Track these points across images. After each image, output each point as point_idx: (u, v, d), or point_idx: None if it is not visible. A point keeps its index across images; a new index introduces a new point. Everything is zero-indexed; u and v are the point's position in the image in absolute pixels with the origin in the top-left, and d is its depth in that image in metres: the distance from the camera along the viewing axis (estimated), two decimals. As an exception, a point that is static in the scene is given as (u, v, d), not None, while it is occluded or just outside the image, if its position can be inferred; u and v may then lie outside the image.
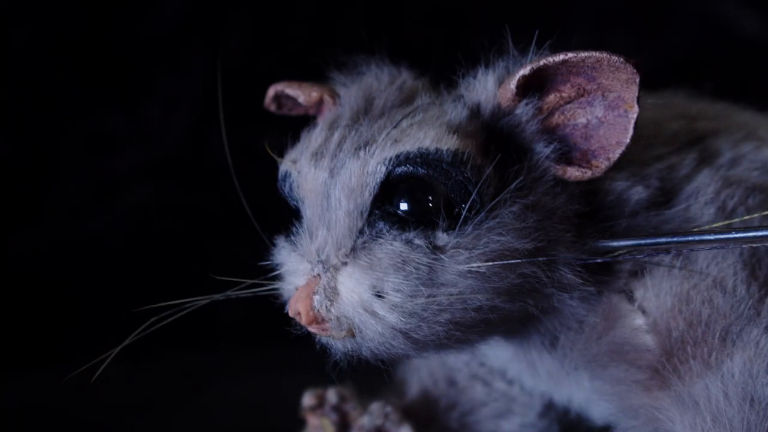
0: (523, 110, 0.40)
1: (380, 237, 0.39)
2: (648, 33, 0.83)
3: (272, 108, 0.48)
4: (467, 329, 0.40)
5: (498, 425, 0.52)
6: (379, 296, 0.38)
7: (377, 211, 0.39)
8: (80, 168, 0.91)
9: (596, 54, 0.39)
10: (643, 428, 0.41)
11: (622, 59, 0.38)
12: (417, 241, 0.38)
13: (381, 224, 0.39)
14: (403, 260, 0.38)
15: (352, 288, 0.39)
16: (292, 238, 0.42)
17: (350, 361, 0.42)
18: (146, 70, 0.91)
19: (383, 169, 0.39)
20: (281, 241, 0.43)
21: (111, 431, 0.68)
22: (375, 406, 0.50)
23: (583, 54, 0.39)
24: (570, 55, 0.39)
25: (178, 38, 0.91)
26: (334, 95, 0.44)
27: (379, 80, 0.44)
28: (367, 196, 0.39)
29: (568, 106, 0.40)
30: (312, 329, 0.40)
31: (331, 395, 0.50)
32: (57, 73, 0.90)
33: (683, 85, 0.49)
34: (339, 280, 0.39)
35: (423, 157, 0.39)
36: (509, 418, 0.52)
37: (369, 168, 0.39)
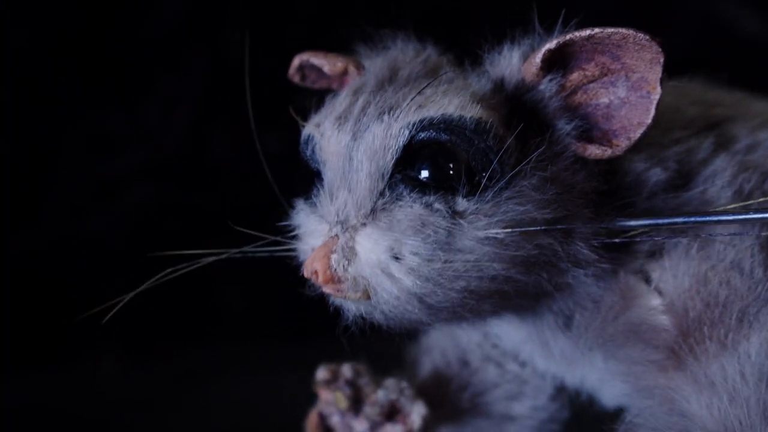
0: (547, 86, 0.41)
1: (400, 200, 0.39)
2: (648, 33, 0.83)
3: (296, 79, 0.48)
4: (481, 299, 0.40)
5: (509, 407, 0.52)
6: (397, 258, 0.38)
7: (398, 175, 0.39)
8: (80, 168, 0.91)
9: (622, 30, 0.39)
10: (658, 408, 0.41)
11: (647, 37, 0.38)
12: (437, 205, 0.38)
13: (401, 187, 0.39)
14: (422, 223, 0.38)
15: (370, 248, 0.39)
16: (312, 200, 0.42)
17: (362, 328, 0.41)
18: (146, 70, 0.91)
19: (406, 132, 0.39)
20: (300, 204, 0.43)
21: (111, 429, 0.68)
22: (390, 381, 0.49)
23: (609, 30, 0.39)
24: (596, 30, 0.39)
25: (178, 38, 0.91)
26: (359, 66, 0.44)
27: (404, 53, 0.44)
28: (389, 159, 0.39)
29: (591, 85, 0.41)
30: (327, 289, 0.40)
31: (346, 369, 0.49)
32: (57, 73, 0.90)
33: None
34: (357, 241, 0.39)
35: (446, 123, 0.39)
36: (521, 400, 0.52)
37: (392, 131, 0.39)
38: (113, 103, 0.91)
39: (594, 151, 0.40)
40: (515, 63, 0.41)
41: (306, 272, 0.40)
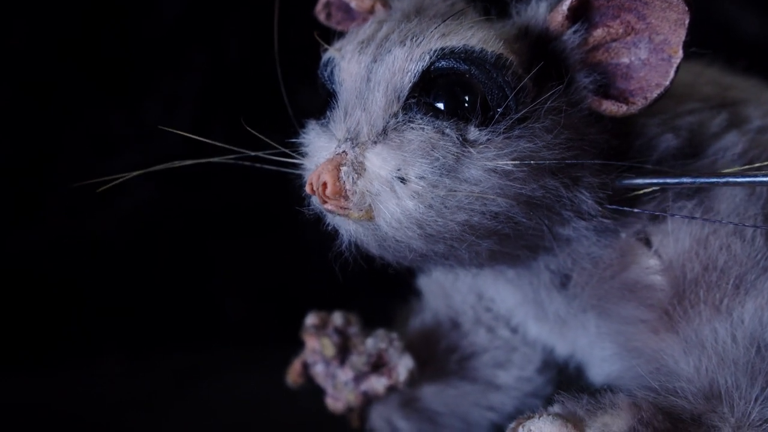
0: (570, 37, 0.41)
1: (412, 122, 0.39)
2: None
3: (322, 17, 0.48)
4: (480, 236, 0.40)
5: (495, 375, 0.52)
6: (403, 181, 0.38)
7: (413, 99, 0.40)
8: (80, 168, 0.91)
9: None
10: (645, 367, 0.42)
11: None
12: (448, 131, 0.39)
13: (415, 111, 0.40)
14: (431, 146, 0.39)
15: (379, 165, 0.39)
16: (324, 120, 0.42)
17: (354, 254, 0.41)
18: (146, 70, 0.91)
19: (427, 58, 0.40)
20: (311, 124, 0.43)
21: (111, 429, 0.68)
22: (380, 332, 0.49)
23: None
24: None
25: (178, 38, 0.91)
26: (386, 4, 0.45)
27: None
28: (407, 82, 0.40)
29: (614, 44, 0.41)
30: (330, 206, 0.40)
31: (337, 317, 0.49)
32: (57, 72, 0.90)
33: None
34: (367, 157, 0.39)
35: (467, 54, 0.39)
36: (508, 369, 0.52)
37: (413, 56, 0.40)
38: (113, 103, 0.91)
39: (609, 107, 0.40)
40: (542, 12, 0.41)
41: (311, 186, 0.40)
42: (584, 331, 0.47)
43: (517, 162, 0.39)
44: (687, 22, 0.39)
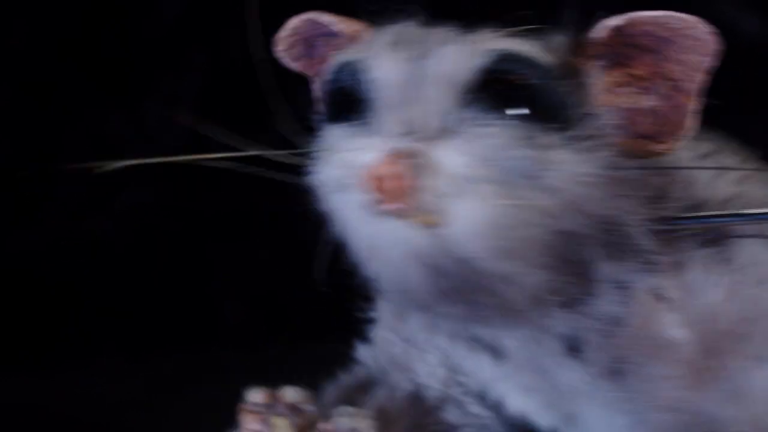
0: (592, 71, 0.39)
1: (479, 120, 0.36)
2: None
3: (281, 46, 0.45)
4: (539, 263, 0.36)
5: None
6: (473, 182, 0.35)
7: (476, 96, 0.36)
8: (80, 168, 0.91)
9: (684, 17, 0.37)
10: (679, 418, 0.40)
11: (707, 31, 0.37)
12: (518, 132, 0.36)
13: (475, 111, 0.36)
14: (507, 145, 0.35)
15: (450, 161, 0.35)
16: (353, 123, 0.38)
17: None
18: (146, 70, 0.91)
19: (489, 56, 0.37)
20: (332, 127, 0.39)
21: (110, 429, 0.68)
22: (349, 409, 0.43)
23: (673, 15, 0.37)
24: (661, 13, 0.38)
25: (178, 38, 0.91)
26: (372, 29, 0.42)
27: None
28: (469, 78, 0.36)
29: (627, 88, 0.39)
30: (390, 205, 0.35)
31: (289, 392, 0.43)
32: (57, 73, 0.90)
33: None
34: (432, 153, 0.35)
35: (530, 60, 0.37)
36: None
37: (474, 52, 0.37)
38: (113, 103, 0.91)
39: (636, 145, 0.39)
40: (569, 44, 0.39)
41: (366, 184, 0.35)
42: (592, 400, 0.43)
43: (592, 171, 0.36)
44: (706, 64, 0.37)
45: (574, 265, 0.38)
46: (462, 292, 0.37)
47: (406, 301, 0.42)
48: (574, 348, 0.42)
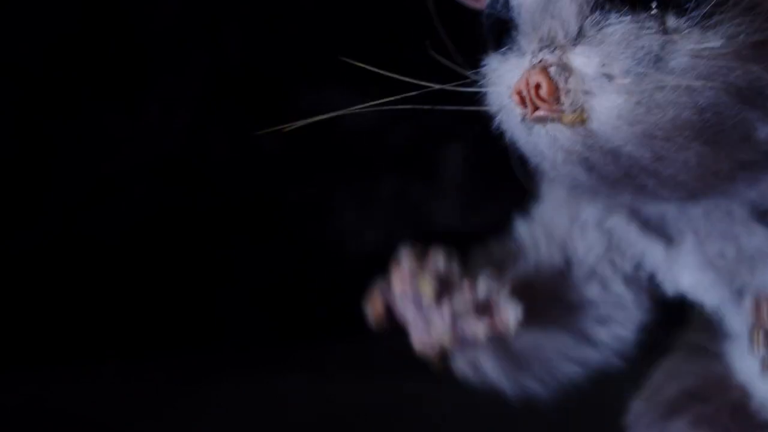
0: None
1: (608, 18, 0.38)
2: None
3: None
4: (688, 138, 0.38)
5: (594, 330, 0.50)
6: (609, 77, 0.37)
7: (601, 1, 0.38)
8: (80, 168, 0.91)
9: None
10: None
11: None
12: (647, 22, 0.37)
13: (610, 9, 0.38)
14: (633, 38, 0.37)
15: (585, 63, 0.37)
16: (502, 50, 0.41)
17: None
18: (146, 70, 0.91)
19: None
20: (489, 56, 0.42)
21: (111, 429, 0.68)
22: (489, 273, 0.46)
23: None
24: None
25: (178, 38, 0.91)
26: None
27: None
28: None
29: None
30: (544, 110, 0.38)
31: (437, 257, 0.45)
32: (56, 72, 0.90)
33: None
34: (570, 57, 0.38)
35: None
36: (608, 326, 0.50)
37: None
38: (113, 102, 0.91)
39: None
40: None
41: (518, 92, 0.38)
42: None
43: (723, 41, 0.37)
44: None
45: (733, 133, 0.39)
46: (627, 178, 0.40)
47: (579, 190, 0.44)
48: (763, 212, 0.43)
